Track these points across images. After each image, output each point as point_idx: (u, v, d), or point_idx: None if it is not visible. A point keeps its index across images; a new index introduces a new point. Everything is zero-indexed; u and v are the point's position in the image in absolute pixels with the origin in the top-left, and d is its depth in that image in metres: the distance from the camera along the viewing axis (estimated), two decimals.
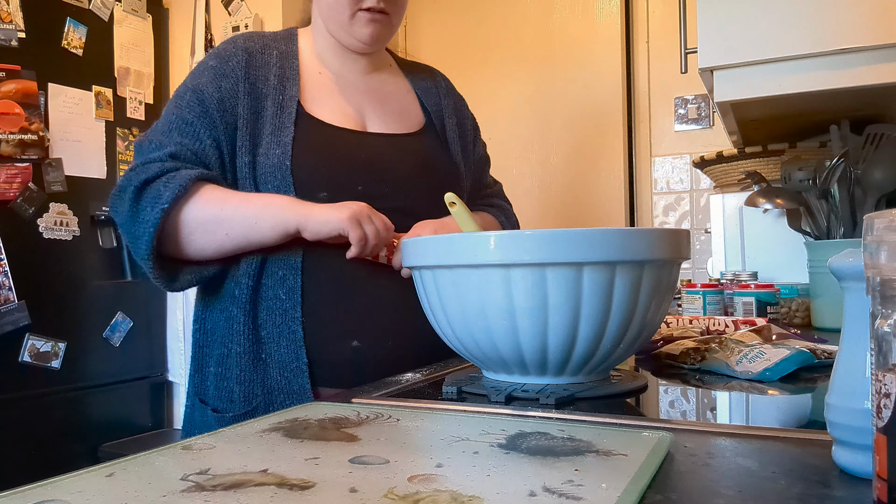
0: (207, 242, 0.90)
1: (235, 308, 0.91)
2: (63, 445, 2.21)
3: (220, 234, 0.89)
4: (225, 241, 0.90)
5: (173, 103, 0.96)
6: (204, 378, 0.95)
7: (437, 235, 0.65)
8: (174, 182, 0.87)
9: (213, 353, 0.94)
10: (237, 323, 0.91)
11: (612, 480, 0.38)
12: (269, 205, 0.89)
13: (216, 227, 0.89)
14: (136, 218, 0.87)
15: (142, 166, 0.90)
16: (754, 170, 1.48)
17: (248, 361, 0.90)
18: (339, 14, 0.98)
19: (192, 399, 0.96)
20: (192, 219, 0.89)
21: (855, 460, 0.39)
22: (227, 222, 0.89)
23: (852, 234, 1.11)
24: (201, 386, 0.95)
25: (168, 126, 0.94)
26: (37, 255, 2.16)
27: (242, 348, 0.90)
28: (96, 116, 2.38)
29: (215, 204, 0.89)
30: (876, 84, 0.98)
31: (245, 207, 0.89)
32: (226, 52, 0.98)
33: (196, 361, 0.96)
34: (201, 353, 0.96)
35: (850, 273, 0.39)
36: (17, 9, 2.14)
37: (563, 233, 0.59)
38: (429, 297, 0.68)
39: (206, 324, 0.96)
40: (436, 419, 0.54)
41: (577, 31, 2.48)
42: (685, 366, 0.77)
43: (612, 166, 2.43)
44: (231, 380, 0.90)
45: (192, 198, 0.89)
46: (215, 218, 0.89)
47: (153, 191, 0.87)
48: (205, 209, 0.89)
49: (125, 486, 0.39)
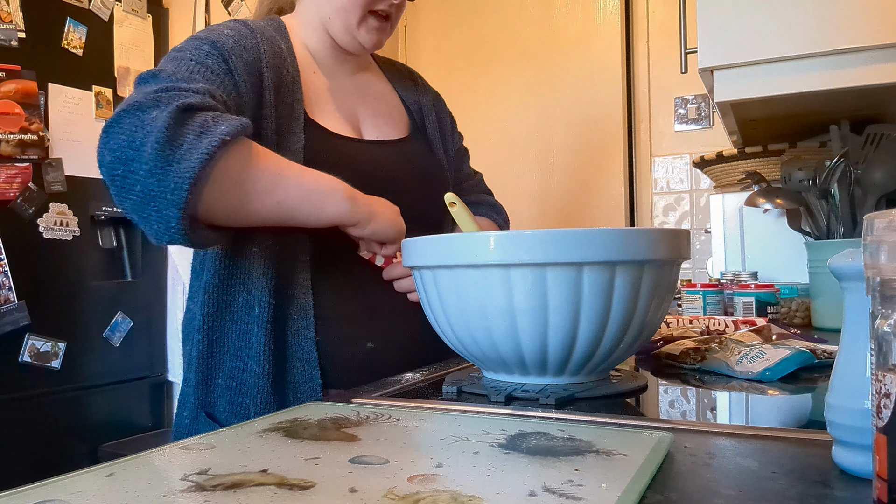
0: (251, 206, 0.76)
1: (256, 326, 0.85)
2: (63, 445, 2.20)
3: (271, 201, 0.76)
4: (271, 210, 0.77)
5: (187, 50, 0.82)
6: (210, 390, 0.87)
7: (438, 235, 0.65)
8: (228, 120, 0.72)
9: (224, 366, 0.87)
10: (258, 343, 0.84)
11: (612, 480, 0.38)
12: (335, 187, 0.80)
13: (269, 190, 0.76)
14: (175, 143, 0.68)
15: (174, 91, 0.72)
16: (754, 170, 1.48)
17: (266, 383, 0.84)
18: (349, 16, 0.95)
19: (192, 410, 0.88)
20: (244, 168, 0.74)
21: (855, 460, 0.39)
22: (284, 187, 0.77)
23: (852, 234, 1.11)
24: (207, 399, 0.87)
25: (186, 68, 0.79)
26: (37, 255, 2.16)
27: (262, 369, 0.84)
28: (96, 116, 2.38)
29: (274, 161, 0.78)
30: (876, 84, 0.98)
31: (308, 179, 0.79)
32: (240, 31, 0.89)
33: (200, 372, 0.87)
34: (206, 363, 0.87)
35: (850, 273, 0.39)
36: (17, 9, 2.14)
37: (563, 233, 0.59)
38: (429, 297, 0.68)
39: (213, 334, 0.88)
40: (436, 419, 0.54)
41: (577, 31, 2.48)
42: (685, 366, 0.77)
43: (611, 166, 2.43)
44: (248, 397, 0.85)
45: (243, 146, 0.74)
46: (274, 177, 0.76)
47: (199, 119, 0.71)
48: (261, 163, 0.76)
49: (125, 486, 0.39)
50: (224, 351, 0.87)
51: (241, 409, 0.85)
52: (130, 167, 0.69)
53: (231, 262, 0.87)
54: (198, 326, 0.87)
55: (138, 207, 0.71)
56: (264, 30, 0.94)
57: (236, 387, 0.85)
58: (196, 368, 0.87)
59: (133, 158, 0.68)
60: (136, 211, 0.72)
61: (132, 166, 0.69)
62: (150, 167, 0.67)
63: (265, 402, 0.84)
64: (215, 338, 0.87)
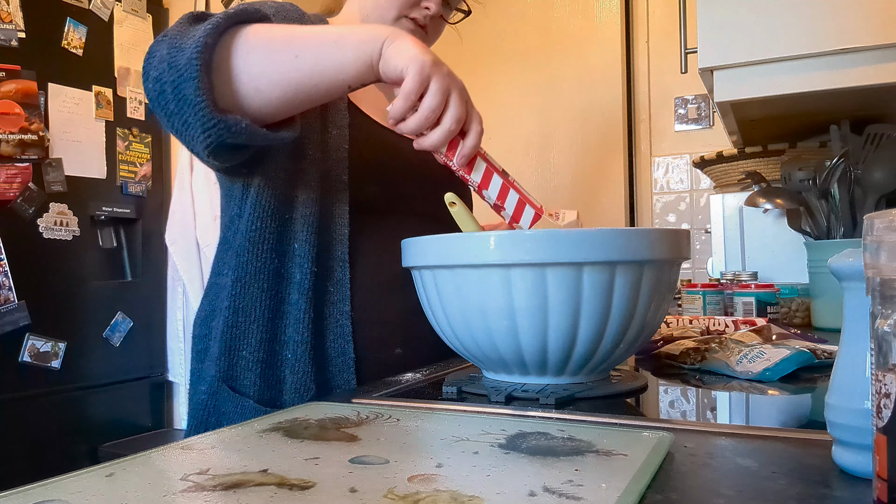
0: (269, 66, 0.72)
1: (297, 293, 0.82)
2: (63, 445, 2.21)
3: (289, 55, 0.72)
4: (291, 67, 0.72)
5: None
6: (234, 363, 0.83)
7: (437, 235, 0.65)
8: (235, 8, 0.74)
9: (251, 338, 0.83)
10: (297, 311, 0.82)
11: (612, 480, 0.38)
12: (352, 28, 0.75)
13: (285, 45, 0.72)
14: (183, 35, 0.71)
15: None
16: (754, 170, 1.48)
17: (304, 353, 0.81)
18: (386, 12, 0.96)
19: (211, 385, 0.84)
20: (255, 35, 0.73)
21: (855, 460, 0.39)
22: (299, 41, 0.73)
23: (852, 234, 1.11)
24: (229, 372, 0.83)
25: None
26: (37, 255, 2.16)
27: (301, 337, 0.82)
28: (96, 116, 2.38)
29: (285, 26, 0.76)
30: (876, 84, 0.99)
31: (321, 29, 0.75)
32: (282, 5, 0.90)
33: (223, 344, 0.83)
34: (231, 333, 0.83)
35: (850, 273, 0.39)
36: (17, 9, 2.14)
37: (563, 233, 0.59)
38: (429, 297, 0.68)
39: (239, 301, 0.83)
40: (436, 419, 0.54)
41: (577, 30, 2.48)
42: (685, 366, 0.77)
43: (612, 166, 2.43)
44: (283, 368, 0.82)
45: (252, 26, 0.75)
46: (285, 36, 0.73)
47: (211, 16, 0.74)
48: (272, 28, 0.75)
49: (125, 486, 0.39)
50: (249, 322, 0.83)
51: (275, 381, 0.83)
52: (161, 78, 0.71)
53: (269, 224, 0.84)
54: (226, 294, 0.84)
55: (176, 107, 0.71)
56: (309, 16, 0.96)
57: (266, 359, 0.82)
58: (221, 337, 0.83)
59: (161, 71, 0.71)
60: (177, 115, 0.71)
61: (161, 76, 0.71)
62: (170, 56, 0.70)
63: (303, 372, 0.81)
64: (242, 306, 0.84)
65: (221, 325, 0.84)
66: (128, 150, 2.49)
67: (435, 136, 0.72)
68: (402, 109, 0.71)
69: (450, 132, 0.72)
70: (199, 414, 0.85)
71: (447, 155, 0.73)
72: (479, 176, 0.75)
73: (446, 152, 0.73)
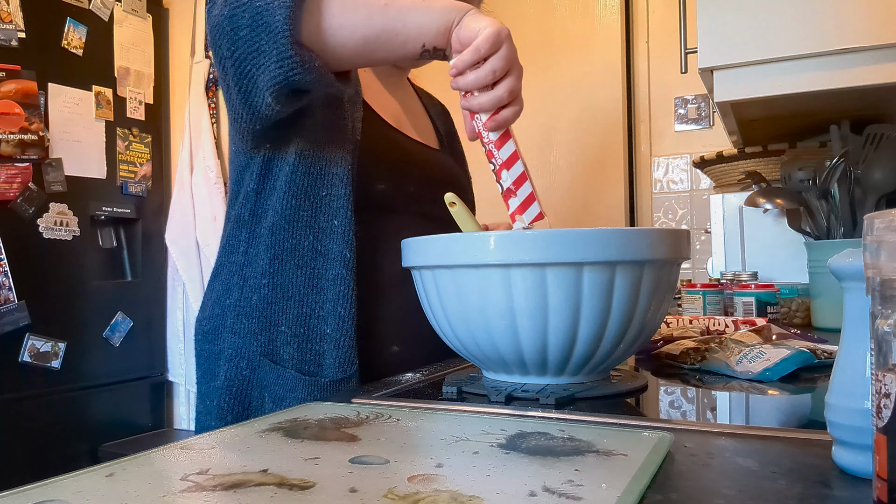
0: (359, 9, 0.74)
1: (345, 270, 0.83)
2: (63, 445, 2.21)
3: (379, 3, 0.75)
4: (379, 13, 0.74)
5: None
6: (273, 337, 0.84)
7: (437, 235, 0.65)
8: None
9: (289, 312, 0.84)
10: (343, 285, 0.82)
11: (612, 480, 0.38)
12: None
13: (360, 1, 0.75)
14: None
15: None
16: (754, 170, 1.49)
17: (349, 326, 0.82)
18: None
19: (252, 360, 0.85)
20: None
21: (855, 460, 0.39)
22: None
23: (852, 234, 1.11)
24: (269, 345, 0.84)
25: None
26: (37, 255, 2.16)
27: (345, 311, 0.82)
28: (96, 116, 2.39)
29: None
30: (876, 84, 0.98)
31: None
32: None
33: (264, 319, 0.85)
34: (271, 309, 0.84)
35: (850, 273, 0.39)
36: (17, 9, 2.14)
37: (563, 233, 0.59)
38: (429, 297, 0.68)
39: (277, 278, 0.85)
40: (436, 419, 0.54)
41: (577, 30, 2.48)
42: (685, 366, 0.77)
43: (612, 166, 2.43)
44: (326, 343, 0.83)
45: None
46: None
47: None
48: None
49: (125, 486, 0.39)
50: (288, 297, 0.85)
51: (313, 354, 0.83)
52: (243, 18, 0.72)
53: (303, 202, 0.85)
54: (261, 271, 0.85)
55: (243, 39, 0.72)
56: None
57: (304, 333, 0.83)
58: (260, 315, 0.84)
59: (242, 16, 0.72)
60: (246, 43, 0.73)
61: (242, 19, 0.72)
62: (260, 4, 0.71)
63: (347, 347, 0.82)
64: (279, 282, 0.85)
65: (258, 301, 0.85)
66: (128, 150, 2.49)
67: (485, 98, 0.72)
68: (467, 62, 0.72)
69: (499, 99, 0.72)
70: (238, 389, 0.85)
71: (485, 124, 0.74)
72: (506, 155, 0.75)
73: (485, 121, 0.73)
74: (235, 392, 0.86)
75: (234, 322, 0.87)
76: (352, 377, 0.81)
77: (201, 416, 0.91)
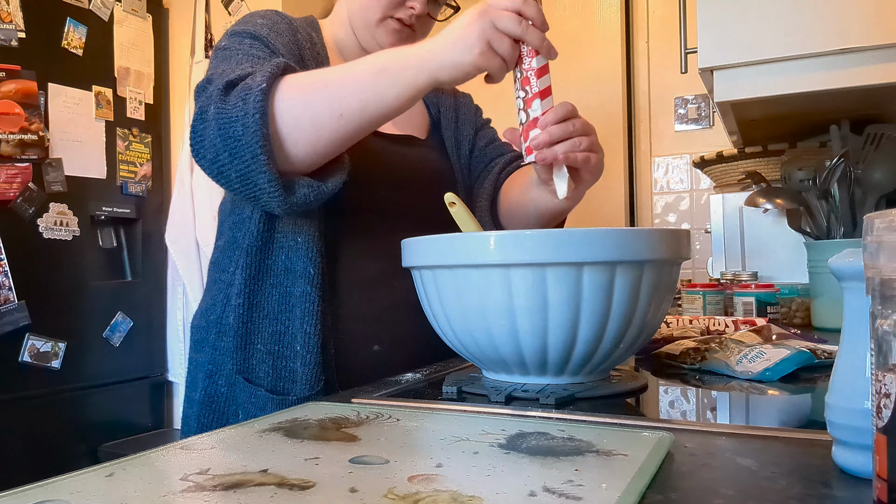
0: (319, 133, 0.75)
1: (305, 285, 0.84)
2: (63, 445, 2.21)
3: (333, 116, 0.74)
4: (339, 125, 0.75)
5: (231, 47, 0.85)
6: (249, 356, 0.86)
7: (437, 235, 0.65)
8: (262, 70, 0.74)
9: (264, 330, 0.86)
10: (309, 302, 0.84)
11: (612, 480, 0.38)
12: (384, 69, 0.75)
13: (326, 109, 0.74)
14: (230, 120, 0.73)
15: (220, 77, 0.77)
16: (754, 170, 1.49)
17: (315, 343, 0.84)
18: (370, 13, 0.96)
19: (228, 377, 0.87)
20: (294, 105, 0.74)
21: (855, 460, 0.39)
22: (337, 100, 0.74)
23: (852, 234, 1.11)
24: (245, 364, 0.86)
25: (236, 61, 0.83)
26: (37, 255, 2.16)
27: (312, 328, 0.83)
28: (96, 116, 2.39)
29: (316, 81, 0.76)
30: (876, 84, 0.99)
31: (353, 76, 0.75)
32: (272, 17, 0.92)
33: (239, 337, 0.86)
34: (245, 328, 0.86)
35: (850, 273, 0.39)
36: (17, 9, 2.14)
37: (563, 233, 0.59)
38: (429, 297, 0.68)
39: (254, 297, 0.87)
40: (436, 419, 0.54)
41: (577, 30, 2.48)
42: (685, 366, 0.77)
43: (612, 166, 2.43)
44: (297, 360, 0.84)
45: (284, 84, 0.75)
46: (322, 98, 0.74)
47: (241, 86, 0.74)
48: (306, 90, 0.75)
49: (125, 486, 0.39)
50: (263, 316, 0.87)
51: (287, 372, 0.85)
52: (217, 160, 0.75)
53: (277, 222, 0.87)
54: (237, 291, 0.86)
55: (243, 187, 0.76)
56: (297, 21, 0.97)
57: (279, 350, 0.85)
58: (235, 333, 0.86)
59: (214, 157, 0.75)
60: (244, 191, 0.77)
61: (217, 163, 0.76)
62: (227, 149, 0.73)
63: (314, 363, 0.83)
64: (255, 301, 0.87)
65: (234, 321, 0.86)
66: (128, 150, 2.49)
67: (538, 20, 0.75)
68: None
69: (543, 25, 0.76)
70: (216, 405, 0.88)
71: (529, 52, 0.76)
72: (544, 85, 0.78)
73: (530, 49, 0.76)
74: (213, 408, 0.89)
75: (214, 339, 0.90)
76: (319, 394, 0.83)
77: (186, 419, 0.94)
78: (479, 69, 0.73)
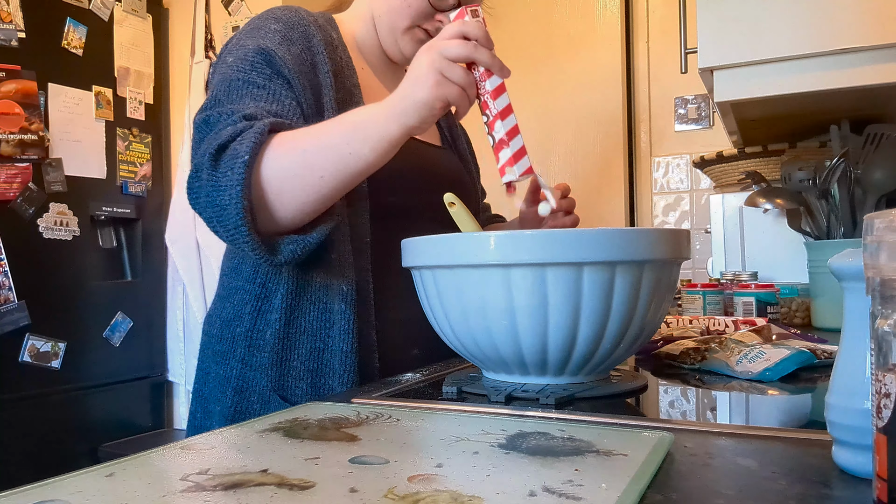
0: (303, 195, 0.77)
1: (342, 303, 0.85)
2: (63, 445, 2.21)
3: (314, 178, 0.76)
4: (322, 185, 0.77)
5: (234, 67, 0.86)
6: (285, 373, 0.85)
7: (437, 235, 0.65)
8: (248, 136, 0.76)
9: (301, 347, 0.86)
10: (343, 319, 0.85)
11: (612, 480, 0.38)
12: (355, 126, 0.77)
13: (307, 172, 0.76)
14: (218, 188, 0.75)
15: (213, 135, 0.79)
16: (754, 170, 1.48)
17: (352, 362, 0.84)
18: (399, 20, 0.96)
19: (262, 394, 0.86)
20: (277, 172, 0.76)
21: (855, 460, 0.39)
22: (316, 163, 0.76)
23: (852, 234, 1.11)
24: (280, 382, 0.85)
25: (236, 93, 0.84)
26: (37, 255, 2.16)
27: (348, 347, 0.84)
28: (96, 116, 2.38)
29: (295, 146, 0.77)
30: (876, 84, 0.98)
31: (328, 138, 0.77)
32: (289, 19, 0.91)
33: (275, 355, 0.86)
34: (282, 345, 0.86)
35: (850, 273, 0.39)
36: (17, 9, 2.14)
37: (562, 233, 0.59)
38: (429, 297, 0.68)
39: (291, 313, 0.86)
40: (436, 419, 0.54)
41: (577, 30, 2.48)
42: (685, 366, 0.77)
43: (612, 166, 2.43)
44: (332, 378, 0.84)
45: (268, 150, 0.77)
46: (302, 162, 0.76)
47: (229, 152, 0.76)
48: (286, 156, 0.77)
49: (125, 486, 0.39)
50: (301, 332, 0.86)
51: (325, 390, 0.85)
52: (210, 221, 0.78)
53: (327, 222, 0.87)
54: (277, 306, 0.86)
55: (234, 246, 0.80)
56: (317, 21, 0.95)
57: (318, 368, 0.85)
58: (271, 350, 0.85)
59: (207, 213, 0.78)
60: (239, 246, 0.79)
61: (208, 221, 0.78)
62: (214, 214, 0.76)
63: (350, 382, 0.83)
64: (293, 317, 0.86)
65: (271, 336, 0.86)
66: (128, 150, 2.49)
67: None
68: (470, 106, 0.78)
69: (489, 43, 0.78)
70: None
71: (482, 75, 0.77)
72: (502, 105, 0.78)
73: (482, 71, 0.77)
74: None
75: (244, 353, 0.88)
76: None
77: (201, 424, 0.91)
78: (441, 101, 0.74)
